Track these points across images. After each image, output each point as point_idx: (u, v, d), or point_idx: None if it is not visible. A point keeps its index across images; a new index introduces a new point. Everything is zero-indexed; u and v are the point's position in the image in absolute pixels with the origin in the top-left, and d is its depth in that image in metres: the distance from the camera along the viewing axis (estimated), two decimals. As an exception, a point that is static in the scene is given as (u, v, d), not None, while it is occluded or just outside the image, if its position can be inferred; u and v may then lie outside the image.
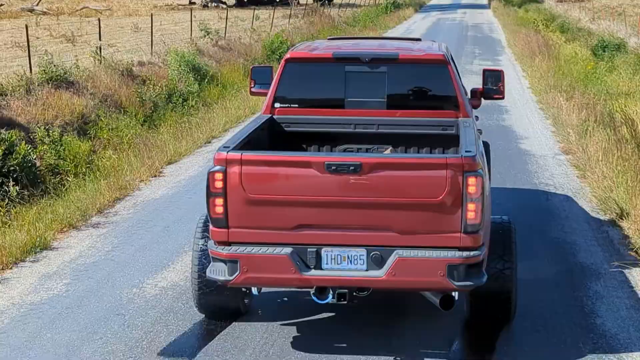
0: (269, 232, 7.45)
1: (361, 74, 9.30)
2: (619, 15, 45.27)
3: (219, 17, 41.07)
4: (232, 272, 7.37)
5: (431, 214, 7.30)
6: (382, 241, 7.36)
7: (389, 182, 7.31)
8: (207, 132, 18.24)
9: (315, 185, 7.32)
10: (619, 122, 16.47)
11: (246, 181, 7.37)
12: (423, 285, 7.48)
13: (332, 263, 7.41)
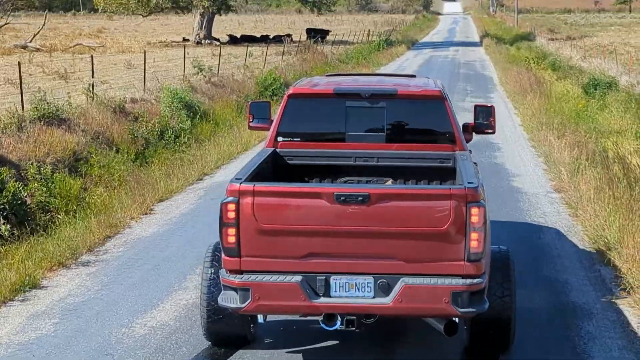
0: (280, 260, 7.65)
1: (361, 109, 9.63)
2: (610, 54, 45.55)
3: (212, 54, 41.27)
4: (244, 299, 7.59)
5: (436, 242, 7.54)
6: (388, 269, 7.58)
7: (395, 212, 7.54)
8: (198, 169, 18.20)
9: (325, 215, 7.55)
10: (610, 160, 16.48)
11: (258, 211, 7.61)
12: (428, 311, 7.71)
13: (340, 290, 7.62)
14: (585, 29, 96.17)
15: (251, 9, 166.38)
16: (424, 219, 7.52)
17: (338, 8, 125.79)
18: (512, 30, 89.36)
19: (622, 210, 12.90)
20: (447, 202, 7.47)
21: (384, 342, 9.07)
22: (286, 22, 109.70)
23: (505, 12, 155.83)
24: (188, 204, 15.62)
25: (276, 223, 7.62)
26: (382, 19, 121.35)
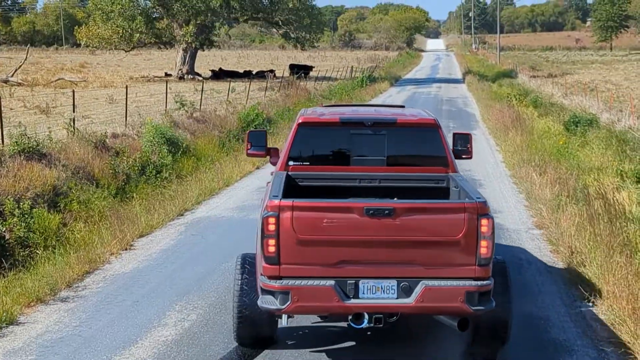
0: (315, 267, 8.66)
1: (364, 135, 10.85)
2: (591, 91, 45.84)
3: (195, 89, 41.28)
4: (284, 302, 8.57)
5: (451, 249, 8.69)
6: (409, 273, 8.68)
7: (416, 224, 8.68)
8: (179, 205, 18.13)
9: (355, 226, 8.62)
10: (591, 196, 16.52)
11: (296, 224, 8.60)
12: (445, 310, 8.84)
13: (368, 293, 8.69)
14: (567, 66, 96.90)
15: (234, 44, 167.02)
16: (441, 229, 8.67)
17: (321, 44, 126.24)
18: (494, 68, 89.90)
19: (602, 247, 12.92)
20: (461, 215, 8.65)
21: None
22: (269, 58, 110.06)
23: (487, 50, 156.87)
24: (168, 239, 15.55)
25: (312, 234, 8.62)
26: (365, 56, 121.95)
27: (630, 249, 12.80)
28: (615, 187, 18.81)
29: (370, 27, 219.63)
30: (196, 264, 13.74)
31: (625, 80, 67.34)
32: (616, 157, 22.57)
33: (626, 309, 10.45)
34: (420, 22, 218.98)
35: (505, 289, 9.38)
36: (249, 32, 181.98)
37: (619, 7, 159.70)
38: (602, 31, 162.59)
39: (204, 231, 16.17)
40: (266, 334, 9.79)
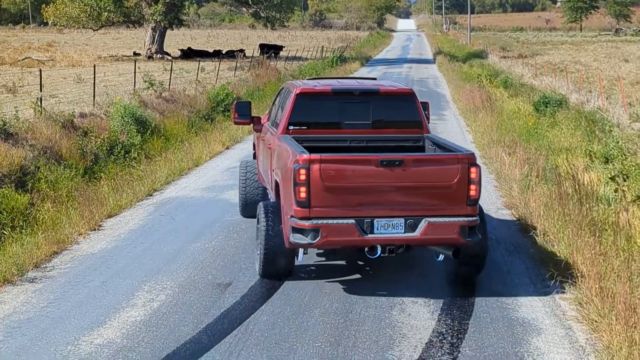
0: (338, 209, 10.50)
1: (353, 103, 12.76)
2: (561, 72, 46.03)
3: (164, 68, 41.05)
4: (314, 237, 10.43)
5: (447, 192, 10.69)
6: (415, 212, 10.64)
7: (420, 172, 10.67)
8: (148, 185, 18.03)
9: (372, 175, 10.52)
10: (561, 177, 16.57)
11: (324, 174, 10.39)
12: (443, 241, 10.87)
13: (381, 229, 10.60)
14: (537, 47, 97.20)
15: (204, 23, 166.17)
16: (440, 176, 10.68)
17: (292, 24, 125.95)
18: (465, 48, 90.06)
19: (571, 227, 12.97)
20: (456, 164, 10.69)
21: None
22: (239, 38, 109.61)
23: (458, 30, 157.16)
24: (137, 220, 15.46)
25: (337, 182, 10.46)
26: (336, 35, 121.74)
27: (598, 229, 12.87)
28: (584, 167, 18.91)
29: (341, 6, 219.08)
30: (165, 245, 13.68)
31: (594, 61, 67.65)
32: (585, 138, 22.68)
33: (593, 288, 10.49)
34: (391, 2, 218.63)
35: (483, 229, 11.30)
36: (219, 11, 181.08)
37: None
38: (572, 12, 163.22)
39: (173, 211, 16.09)
40: (286, 268, 11.58)
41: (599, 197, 15.59)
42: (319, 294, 11.11)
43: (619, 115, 26.00)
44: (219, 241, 13.82)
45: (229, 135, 25.62)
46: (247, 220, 15.10)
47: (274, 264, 11.49)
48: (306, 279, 11.78)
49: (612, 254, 11.55)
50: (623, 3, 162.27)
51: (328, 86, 13.06)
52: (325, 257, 12.79)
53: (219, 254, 13.03)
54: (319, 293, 11.12)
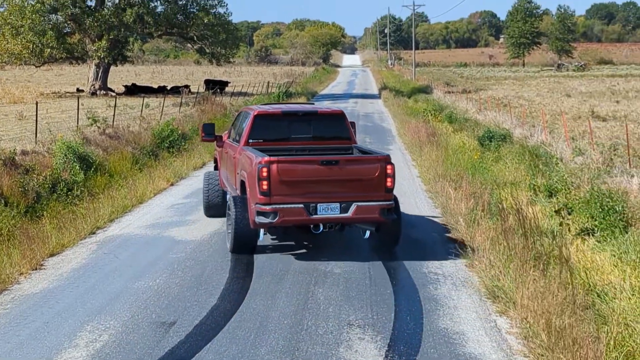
0: (291, 197, 14.21)
1: (297, 122, 16.64)
2: (505, 107, 46.50)
3: (108, 104, 40.74)
4: (274, 217, 14.12)
5: (371, 183, 14.47)
6: (347, 198, 14.40)
7: (351, 169, 14.57)
8: (91, 223, 17.77)
9: (315, 172, 14.32)
10: (506, 210, 16.63)
11: (280, 171, 14.10)
12: (368, 219, 14.68)
13: (322, 211, 14.32)
14: (481, 82, 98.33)
15: (148, 59, 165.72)
16: (365, 172, 14.52)
17: (237, 59, 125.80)
18: (410, 83, 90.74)
19: (516, 260, 12.99)
20: (377, 162, 14.60)
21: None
22: (184, 73, 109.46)
23: (403, 66, 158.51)
24: (80, 258, 15.20)
25: (290, 177, 14.17)
26: (281, 71, 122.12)
27: (543, 263, 12.90)
28: (528, 201, 19.02)
29: (286, 42, 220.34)
30: (108, 283, 13.45)
31: (537, 96, 68.51)
32: (529, 172, 22.85)
33: (540, 322, 10.49)
34: (336, 38, 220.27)
35: (398, 212, 15.22)
36: (164, 47, 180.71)
37: (531, 24, 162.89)
38: (515, 48, 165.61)
39: (117, 250, 15.85)
40: (253, 244, 15.07)
41: (544, 230, 15.69)
42: (264, 331, 10.96)
43: (562, 149, 26.28)
44: (163, 279, 13.63)
45: (174, 171, 25.43)
46: (192, 257, 14.99)
47: (242, 242, 14.95)
48: (253, 316, 11.62)
49: (557, 288, 11.57)
50: (564, 39, 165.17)
51: (278, 109, 17.17)
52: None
53: (163, 293, 12.84)
54: (265, 331, 10.97)
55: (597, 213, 16.19)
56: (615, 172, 21.14)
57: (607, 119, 44.78)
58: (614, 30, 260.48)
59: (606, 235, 15.41)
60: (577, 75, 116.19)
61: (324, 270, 14.15)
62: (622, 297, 11.82)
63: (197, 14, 66.69)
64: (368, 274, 13.89)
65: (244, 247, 14.99)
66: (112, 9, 62.54)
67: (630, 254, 13.92)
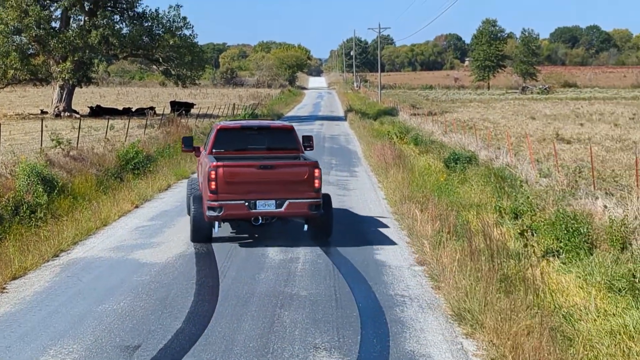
0: (234, 195, 17.13)
1: (254, 135, 19.88)
2: (470, 129, 46.68)
3: (72, 126, 40.51)
4: (220, 211, 17.06)
5: (301, 184, 17.29)
6: (281, 196, 17.30)
7: (284, 172, 17.43)
8: (55, 246, 17.57)
9: (254, 174, 17.22)
10: (472, 233, 16.65)
11: (225, 174, 17.02)
12: (299, 214, 17.62)
13: (260, 206, 17.24)
14: (446, 104, 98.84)
15: (113, 81, 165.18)
16: (296, 174, 17.42)
17: (203, 81, 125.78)
18: (376, 106, 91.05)
19: (483, 282, 12.98)
20: (306, 167, 17.56)
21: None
22: (150, 95, 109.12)
23: (369, 88, 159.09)
24: (43, 281, 15.00)
25: (233, 178, 17.11)
26: (247, 93, 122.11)
27: (508, 284, 12.90)
28: (494, 223, 19.07)
29: (252, 64, 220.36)
30: (72, 307, 13.28)
31: (502, 118, 68.94)
32: (495, 194, 22.92)
33: (506, 344, 10.47)
34: (302, 60, 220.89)
35: (329, 208, 18.43)
36: (129, 69, 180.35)
37: (496, 47, 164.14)
38: (480, 71, 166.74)
39: (80, 273, 15.68)
40: (208, 235, 18.18)
41: (509, 252, 15.71)
42: (230, 355, 10.86)
43: (527, 171, 26.39)
44: (127, 302, 13.48)
45: (139, 193, 25.25)
46: (157, 280, 14.88)
47: (199, 232, 18.11)
48: (219, 340, 11.51)
49: (523, 310, 11.56)
50: (529, 62, 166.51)
51: (238, 124, 20.85)
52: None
53: (128, 316, 12.69)
54: (230, 354, 10.86)
55: (562, 235, 16.27)
56: (580, 194, 21.24)
57: (572, 141, 45.12)
58: (578, 54, 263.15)
59: (571, 257, 15.48)
60: (541, 98, 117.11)
61: (289, 293, 14.06)
62: (588, 318, 11.86)
63: (163, 35, 66.65)
64: (334, 297, 13.82)
65: (200, 236, 18.12)
66: (77, 31, 62.37)
67: (595, 276, 13.98)
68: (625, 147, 41.18)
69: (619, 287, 13.15)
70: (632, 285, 13.01)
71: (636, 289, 12.88)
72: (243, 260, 16.64)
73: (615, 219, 16.74)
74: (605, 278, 13.70)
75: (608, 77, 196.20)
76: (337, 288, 14.42)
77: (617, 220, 16.47)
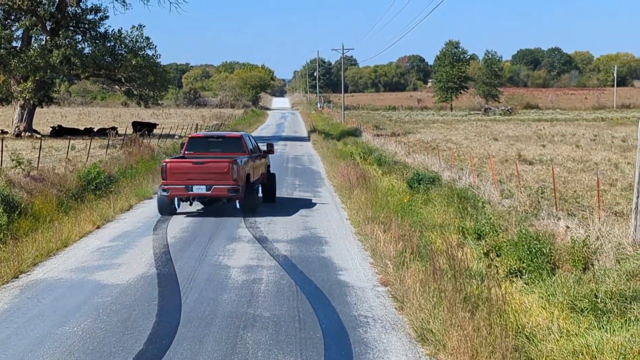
0: (177, 181, 25.47)
1: (214, 142, 28.48)
2: (433, 150, 46.87)
3: (33, 146, 40.19)
4: (167, 192, 25.69)
5: (223, 174, 25.52)
6: (210, 182, 25.47)
7: (212, 166, 25.59)
8: (14, 267, 17.33)
9: (191, 167, 25.60)
10: (435, 253, 16.64)
11: (170, 167, 25.74)
12: (222, 195, 25.87)
13: (195, 189, 25.54)
14: (409, 125, 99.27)
15: (75, 101, 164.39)
16: (219, 168, 25.52)
17: (166, 102, 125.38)
18: (339, 126, 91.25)
19: (446, 303, 12.96)
20: (226, 163, 25.54)
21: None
22: (112, 115, 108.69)
23: (332, 109, 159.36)
24: (2, 303, 14.80)
25: (177, 170, 25.60)
26: (210, 113, 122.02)
27: (472, 305, 12.89)
28: (457, 243, 19.07)
29: (215, 85, 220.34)
30: (31, 329, 13.09)
31: (465, 139, 69.34)
32: (458, 214, 22.96)
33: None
34: (265, 81, 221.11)
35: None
36: (91, 89, 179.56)
37: (459, 68, 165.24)
38: (443, 92, 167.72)
39: (40, 294, 15.48)
40: (170, 210, 26.05)
41: (473, 273, 15.71)
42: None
43: (490, 192, 26.49)
44: (88, 324, 13.31)
45: (100, 214, 25.05)
46: (118, 301, 14.73)
47: (161, 207, 26.15)
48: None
49: (486, 330, 11.55)
50: (491, 84, 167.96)
51: (203, 134, 31.56)
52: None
53: (88, 338, 12.53)
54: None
55: (524, 255, 16.30)
56: (542, 214, 21.32)
57: (534, 162, 45.45)
58: (540, 76, 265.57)
59: (534, 277, 15.51)
60: (504, 120, 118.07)
61: (252, 314, 13.96)
62: (551, 339, 11.86)
63: (126, 55, 66.36)
64: (297, 317, 13.73)
65: (163, 210, 26.31)
66: (38, 50, 61.97)
67: (557, 296, 14.01)
68: (587, 168, 41.55)
69: (581, 307, 13.18)
70: (594, 306, 13.04)
71: (598, 309, 12.91)
72: (205, 281, 16.52)
73: (577, 239, 16.81)
74: (567, 298, 13.73)
75: (569, 98, 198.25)
76: (301, 309, 14.34)
77: (579, 241, 16.54)
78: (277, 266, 18.10)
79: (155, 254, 19.46)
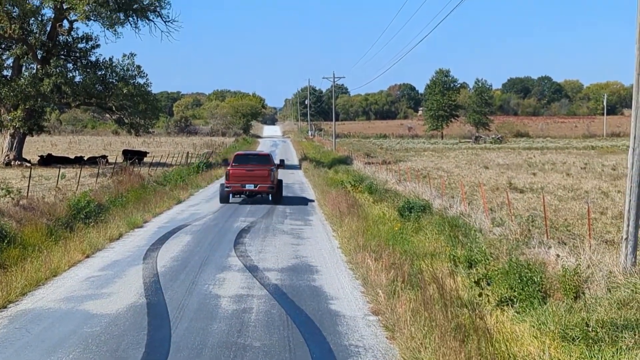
0: (235, 181, 41.63)
1: (253, 157, 44.79)
2: (424, 178, 46.91)
3: (22, 175, 40.12)
4: (229, 188, 41.77)
5: (265, 177, 41.49)
6: (256, 182, 41.52)
7: (257, 172, 41.74)
8: (3, 297, 17.19)
9: (245, 172, 41.75)
10: (426, 282, 16.60)
11: (232, 172, 41.79)
12: (264, 191, 41.77)
13: (247, 186, 41.59)
14: (400, 153, 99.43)
15: (65, 129, 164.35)
16: (263, 173, 41.59)
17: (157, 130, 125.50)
18: (330, 154, 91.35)
19: (437, 332, 12.90)
20: (268, 169, 41.80)
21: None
22: (102, 143, 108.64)
23: (323, 136, 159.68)
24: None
25: (235, 175, 41.62)
26: (201, 141, 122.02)
27: (463, 334, 12.83)
28: (448, 272, 19.03)
29: (206, 113, 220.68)
30: (20, 359, 12.98)
31: (456, 167, 69.45)
32: (449, 243, 22.92)
33: (462, 395, 10.36)
34: (256, 109, 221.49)
35: (279, 187, 43.41)
36: (81, 118, 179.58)
37: (449, 97, 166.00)
38: (434, 120, 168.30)
39: (29, 324, 15.35)
40: (227, 200, 42.21)
41: (464, 301, 15.66)
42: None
43: (481, 220, 26.47)
44: (76, 354, 13.20)
45: (90, 243, 24.91)
46: (107, 332, 14.62)
47: (223, 198, 41.67)
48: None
49: (476, 359, 11.48)
50: (482, 112, 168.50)
51: (243, 152, 49.02)
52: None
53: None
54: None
55: (515, 284, 16.25)
56: (533, 243, 21.31)
57: (525, 190, 45.49)
58: (530, 104, 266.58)
59: (525, 306, 15.46)
60: (494, 148, 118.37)
61: (243, 343, 13.87)
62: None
63: (117, 84, 66.43)
64: (288, 347, 13.65)
65: (223, 200, 41.15)
66: (29, 79, 62.02)
67: (548, 325, 13.96)
68: (577, 196, 41.61)
69: (573, 336, 13.14)
70: (586, 335, 13.00)
71: (589, 338, 12.87)
72: (195, 310, 16.42)
73: (568, 267, 16.78)
74: (559, 327, 13.68)
75: (560, 127, 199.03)
76: (291, 338, 14.25)
77: (570, 269, 16.51)
78: (268, 295, 18.02)
79: (145, 283, 19.35)
